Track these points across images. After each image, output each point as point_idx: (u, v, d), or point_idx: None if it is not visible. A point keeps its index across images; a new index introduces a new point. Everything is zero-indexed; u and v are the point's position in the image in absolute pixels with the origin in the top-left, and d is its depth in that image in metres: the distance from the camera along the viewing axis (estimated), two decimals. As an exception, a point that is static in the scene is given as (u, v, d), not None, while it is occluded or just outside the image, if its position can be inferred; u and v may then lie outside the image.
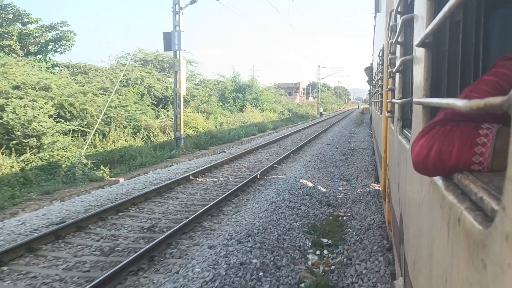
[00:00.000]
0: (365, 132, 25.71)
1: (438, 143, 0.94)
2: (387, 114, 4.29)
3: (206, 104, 25.21)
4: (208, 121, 21.96)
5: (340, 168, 12.74)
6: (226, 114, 27.17)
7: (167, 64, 29.82)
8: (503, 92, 0.96)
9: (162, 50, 30.02)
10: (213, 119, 22.96)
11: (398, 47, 2.71)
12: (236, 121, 25.78)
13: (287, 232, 6.21)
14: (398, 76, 2.84)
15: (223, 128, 22.14)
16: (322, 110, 54.67)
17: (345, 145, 18.89)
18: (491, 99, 0.55)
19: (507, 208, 0.52)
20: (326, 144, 17.88)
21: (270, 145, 17.75)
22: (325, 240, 6.28)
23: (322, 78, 66.57)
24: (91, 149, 12.12)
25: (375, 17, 9.97)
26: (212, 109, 25.20)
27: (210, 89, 31.29)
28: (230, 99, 32.08)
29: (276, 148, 16.72)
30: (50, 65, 22.25)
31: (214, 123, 22.26)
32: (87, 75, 21.04)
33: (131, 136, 14.60)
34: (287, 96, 62.91)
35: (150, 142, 15.64)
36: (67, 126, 12.36)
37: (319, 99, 64.78)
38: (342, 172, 12.08)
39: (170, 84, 23.79)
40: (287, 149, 15.99)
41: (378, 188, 8.23)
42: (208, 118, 22.61)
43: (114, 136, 13.56)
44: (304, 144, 17.45)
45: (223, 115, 26.05)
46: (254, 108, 33.52)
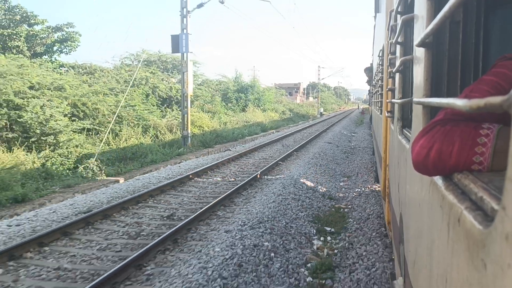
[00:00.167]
0: (365, 131, 26.28)
1: (438, 142, 0.94)
2: (387, 114, 4.29)
3: (210, 104, 25.79)
4: (213, 120, 22.56)
5: (341, 165, 13.34)
6: (230, 114, 27.73)
7: (170, 64, 30.42)
8: (503, 92, 0.95)
9: (164, 51, 30.77)
10: (217, 119, 23.55)
11: (398, 47, 2.70)
12: (239, 120, 26.38)
13: (293, 221, 6.82)
14: (398, 76, 2.85)
15: (227, 127, 22.74)
16: (322, 110, 55.17)
17: (345, 144, 19.48)
18: (491, 98, 0.54)
19: (507, 208, 0.52)
20: (327, 143, 18.47)
21: (273, 143, 18.35)
22: (328, 228, 6.88)
23: (322, 79, 67.10)
24: (105, 146, 12.74)
25: (375, 17, 9.92)
26: (216, 108, 25.77)
27: (212, 89, 31.83)
28: (233, 99, 32.63)
29: (279, 146, 17.32)
30: (56, 65, 22.72)
31: (219, 123, 22.84)
32: (93, 76, 21.52)
33: (141, 134, 15.23)
34: (288, 96, 63.38)
35: (158, 140, 16.25)
36: (81, 124, 12.98)
37: (319, 99, 65.33)
38: (343, 169, 12.68)
39: (173, 84, 24.37)
40: (290, 147, 16.59)
41: (378, 188, 8.53)
42: (213, 118, 23.20)
43: (126, 134, 14.19)
44: (306, 143, 18.04)
45: (226, 115, 26.62)
46: (256, 108, 34.06)
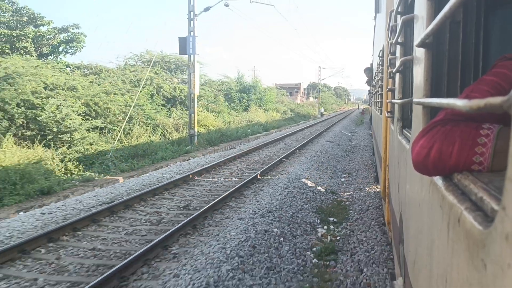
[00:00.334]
0: (365, 131, 26.89)
1: (438, 143, 0.94)
2: (387, 115, 4.30)
3: (214, 104, 26.41)
4: (217, 119, 23.18)
5: (342, 163, 13.96)
6: (233, 114, 28.36)
7: (174, 65, 31.05)
8: (503, 92, 0.96)
9: (165, 51, 31.34)
10: (221, 118, 24.16)
11: (398, 47, 2.71)
12: (242, 120, 27.01)
13: (299, 211, 7.43)
14: (398, 76, 2.86)
15: (231, 126, 23.36)
16: (323, 110, 55.75)
17: (346, 142, 20.10)
18: (491, 99, 0.54)
19: (507, 208, 0.52)
20: (328, 142, 19.08)
21: (276, 142, 18.97)
22: (331, 218, 7.50)
23: (323, 79, 67.69)
24: (118, 144, 13.36)
25: (375, 17, 9.93)
26: (220, 108, 26.39)
27: (215, 89, 32.43)
28: (235, 99, 33.24)
29: (282, 145, 17.93)
30: (63, 65, 23.24)
31: (223, 122, 23.45)
32: (99, 76, 22.00)
33: (150, 133, 15.87)
34: (288, 97, 63.99)
35: (165, 139, 16.86)
36: (95, 123, 13.61)
37: (319, 99, 65.94)
38: (343, 166, 13.29)
39: (177, 84, 24.98)
40: (293, 145, 17.20)
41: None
42: (217, 117, 23.82)
43: (137, 133, 14.82)
44: (308, 142, 18.65)
45: (229, 115, 27.24)
46: (258, 108, 34.69)
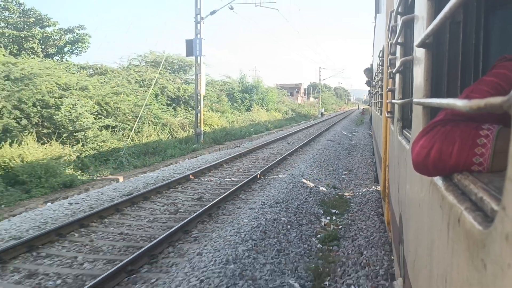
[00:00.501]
0: (364, 131, 27.50)
1: (438, 143, 0.93)
2: (387, 115, 4.31)
3: (218, 104, 27.03)
4: (222, 119, 23.79)
5: (342, 160, 14.57)
6: (236, 113, 28.98)
7: (177, 65, 31.66)
8: (503, 93, 0.95)
9: (167, 51, 31.92)
10: (225, 118, 24.78)
11: (398, 47, 2.71)
12: (245, 119, 27.65)
13: (304, 204, 8.05)
14: (398, 76, 2.86)
15: (234, 126, 23.98)
16: (323, 110, 56.36)
17: (346, 141, 20.72)
18: (491, 99, 0.54)
19: (507, 208, 0.52)
20: (329, 141, 19.70)
21: (279, 141, 19.59)
22: (333, 210, 8.11)
23: (323, 79, 68.30)
24: (129, 142, 13.98)
25: (375, 18, 9.99)
26: (224, 108, 27.01)
27: (217, 89, 33.05)
28: (238, 99, 33.87)
29: (285, 143, 18.55)
30: (76, 67, 23.73)
31: (227, 121, 24.06)
32: (105, 76, 22.50)
33: (158, 131, 16.49)
34: (289, 97, 64.59)
35: (172, 137, 17.47)
36: (107, 122, 14.22)
37: (320, 99, 66.53)
38: (344, 164, 13.91)
39: (181, 84, 25.57)
40: (295, 144, 17.83)
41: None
42: (222, 117, 24.43)
43: (147, 131, 15.45)
44: (310, 141, 19.27)
45: (233, 114, 27.86)
46: (260, 108, 35.32)
